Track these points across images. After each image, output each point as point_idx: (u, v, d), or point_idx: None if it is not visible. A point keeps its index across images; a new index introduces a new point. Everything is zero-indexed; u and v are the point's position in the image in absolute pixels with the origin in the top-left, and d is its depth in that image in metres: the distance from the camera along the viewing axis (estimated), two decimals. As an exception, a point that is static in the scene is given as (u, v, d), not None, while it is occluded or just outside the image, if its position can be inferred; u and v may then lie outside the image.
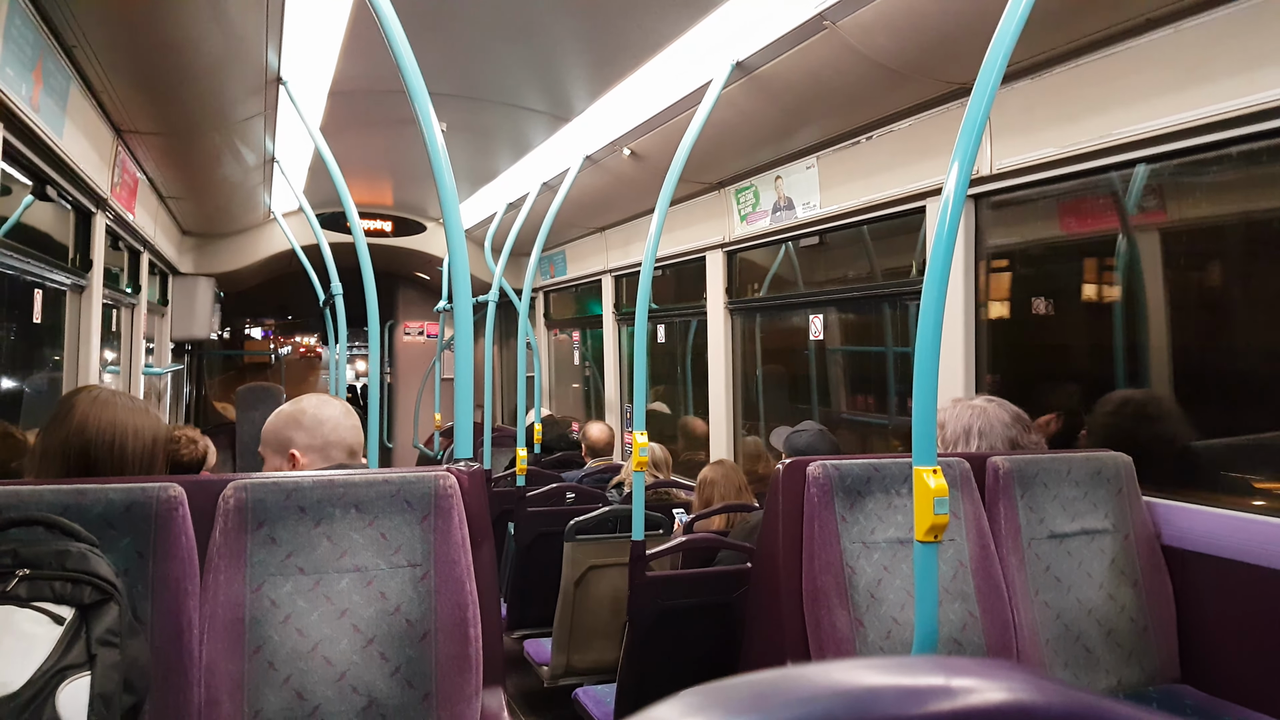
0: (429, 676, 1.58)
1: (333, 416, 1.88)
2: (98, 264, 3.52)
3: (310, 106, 3.51)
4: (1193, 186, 2.44)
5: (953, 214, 1.51)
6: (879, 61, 2.46)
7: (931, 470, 1.50)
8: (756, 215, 3.85)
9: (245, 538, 1.54)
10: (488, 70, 3.38)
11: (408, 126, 1.83)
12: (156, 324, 5.85)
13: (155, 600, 1.46)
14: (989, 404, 2.25)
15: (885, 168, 3.00)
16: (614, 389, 5.79)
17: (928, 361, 1.52)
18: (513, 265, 6.23)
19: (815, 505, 1.92)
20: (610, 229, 5.49)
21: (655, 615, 2.60)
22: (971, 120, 1.51)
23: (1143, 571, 2.10)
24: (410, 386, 8.35)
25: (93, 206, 3.42)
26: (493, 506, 4.13)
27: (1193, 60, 1.98)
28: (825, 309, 4.00)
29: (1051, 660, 1.97)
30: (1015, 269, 3.01)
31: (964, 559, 1.98)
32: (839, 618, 1.86)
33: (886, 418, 4.45)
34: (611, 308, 5.72)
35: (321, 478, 1.61)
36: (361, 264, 3.05)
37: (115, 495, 1.47)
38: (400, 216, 6.96)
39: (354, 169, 4.81)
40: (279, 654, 1.52)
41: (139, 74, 2.88)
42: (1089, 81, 2.24)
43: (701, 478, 3.47)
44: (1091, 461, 2.15)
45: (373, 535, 1.60)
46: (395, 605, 1.59)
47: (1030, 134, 2.43)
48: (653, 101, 3.25)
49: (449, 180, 1.84)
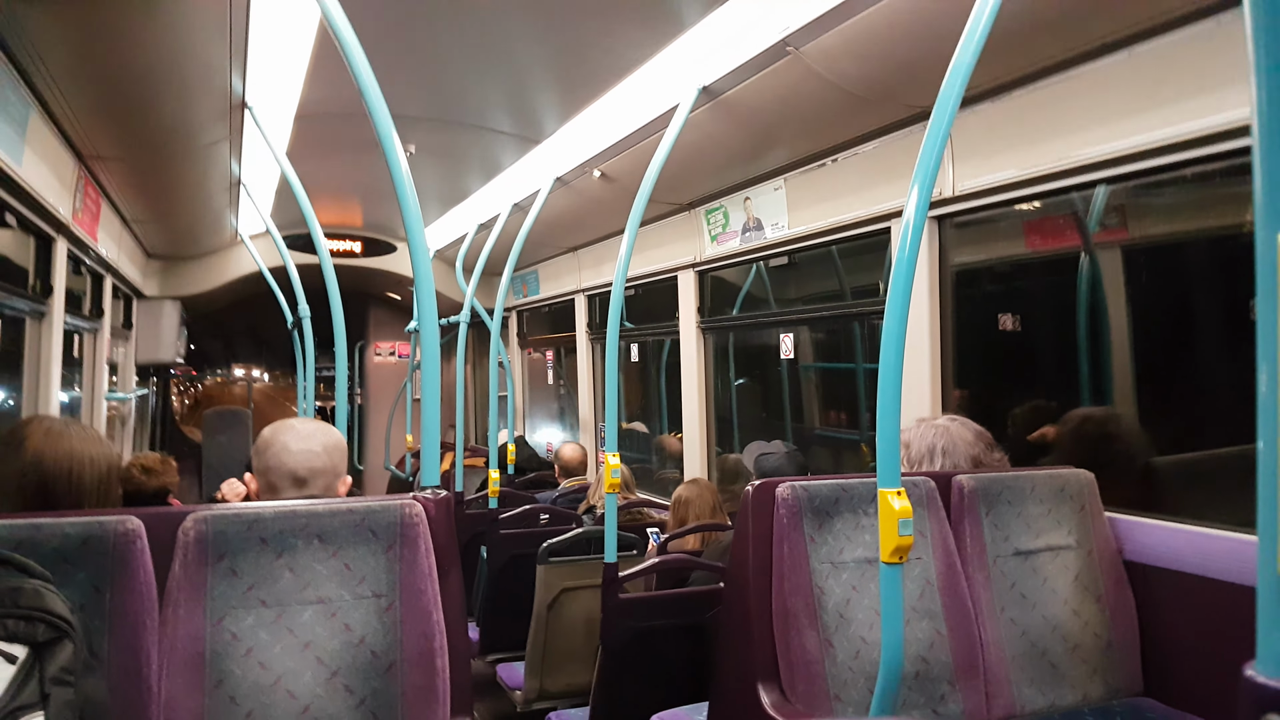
0: (395, 708, 1.56)
1: (281, 441, 1.78)
2: (58, 290, 3.47)
3: (276, 130, 3.50)
4: (1151, 206, 2.49)
5: (913, 235, 1.53)
6: (843, 86, 2.50)
7: (896, 492, 1.51)
8: (726, 235, 3.87)
9: (205, 570, 1.52)
10: (457, 93, 3.38)
11: (375, 148, 1.82)
12: (121, 348, 5.77)
13: (113, 636, 1.43)
14: (952, 423, 2.28)
15: (851, 190, 3.04)
16: (588, 408, 5.78)
17: (891, 382, 1.53)
18: (485, 285, 6.22)
19: (785, 526, 1.92)
20: (582, 249, 5.50)
21: (628, 637, 2.59)
22: (931, 143, 1.53)
23: (1106, 587, 2.12)
24: (381, 408, 8.28)
25: (53, 232, 3.38)
26: (465, 529, 4.10)
27: (1147, 84, 2.02)
28: (796, 327, 4.03)
29: (1018, 677, 1.99)
30: (981, 287, 3.05)
31: (930, 577, 1.99)
32: (808, 639, 1.86)
33: (858, 433, 4.48)
34: (585, 327, 5.72)
35: (284, 508, 1.59)
36: (328, 285, 3.03)
37: (71, 529, 1.44)
38: (370, 237, 6.93)
39: (322, 191, 4.79)
40: (240, 688, 1.49)
41: (100, 100, 2.85)
42: (1047, 104, 2.28)
43: (676, 497, 3.47)
44: (1055, 479, 2.17)
45: (336, 566, 1.58)
46: (360, 637, 1.57)
47: (991, 156, 2.47)
48: (622, 124, 3.27)
49: (413, 203, 1.83)
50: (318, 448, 1.79)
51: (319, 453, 1.79)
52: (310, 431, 1.82)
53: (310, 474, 1.77)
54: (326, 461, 1.80)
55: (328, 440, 1.82)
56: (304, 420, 1.86)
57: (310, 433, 1.81)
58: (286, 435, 1.79)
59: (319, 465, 1.78)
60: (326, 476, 1.80)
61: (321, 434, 1.83)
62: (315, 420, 1.88)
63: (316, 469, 1.78)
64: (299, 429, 1.81)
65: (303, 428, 1.82)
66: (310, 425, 1.84)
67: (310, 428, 1.83)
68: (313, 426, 1.84)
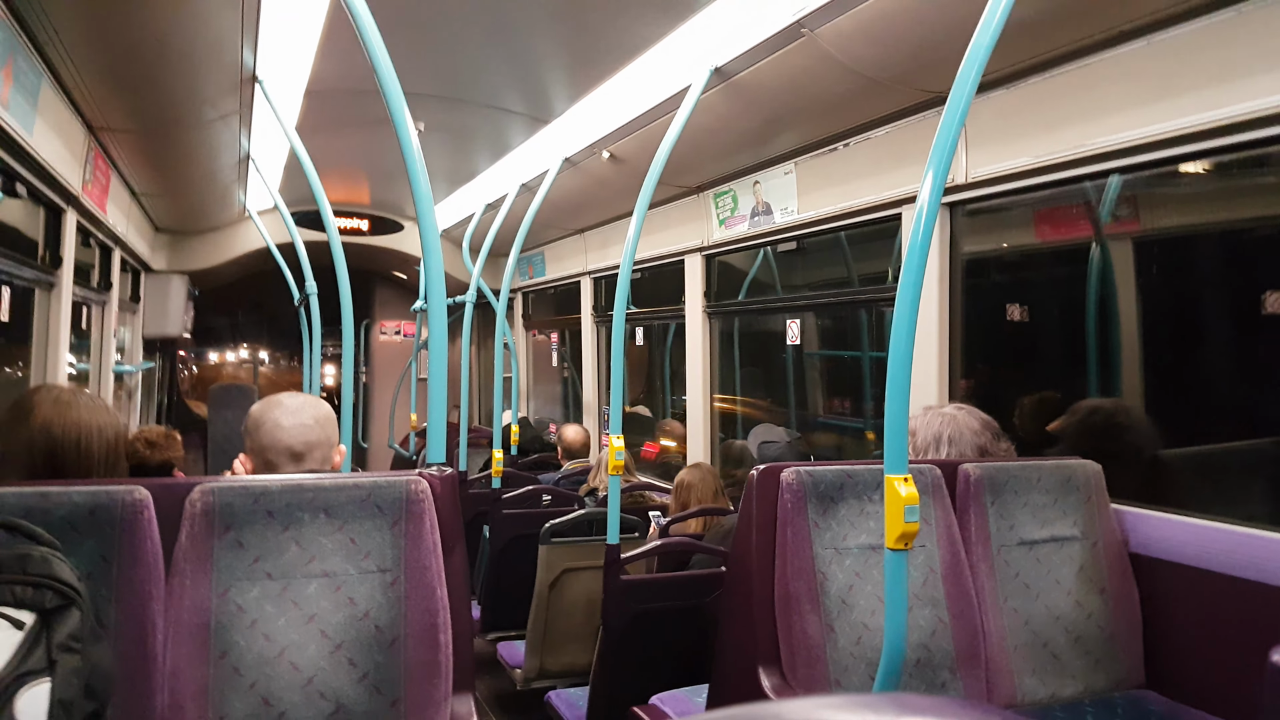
0: (398, 683, 1.57)
1: (272, 418, 1.76)
2: (68, 261, 3.47)
3: (286, 105, 3.48)
4: (1164, 198, 2.47)
5: (927, 221, 1.52)
6: (857, 70, 2.48)
7: (903, 478, 1.51)
8: (735, 220, 3.85)
9: (212, 542, 1.52)
10: (467, 71, 3.36)
11: (385, 126, 1.81)
12: (128, 321, 5.78)
13: (119, 604, 1.44)
14: (959, 411, 2.27)
15: (862, 174, 3.02)
16: (592, 391, 5.78)
17: (901, 369, 1.52)
18: (491, 266, 6.21)
19: (789, 511, 1.92)
20: (589, 231, 5.48)
21: (629, 619, 2.59)
22: (947, 129, 1.52)
23: (1110, 579, 2.12)
24: (386, 386, 8.30)
25: (63, 203, 3.37)
26: (468, 508, 4.11)
27: (1165, 73, 2.00)
28: (803, 313, 4.01)
29: (1019, 666, 1.99)
30: (990, 276, 3.04)
31: (934, 565, 1.99)
32: (810, 623, 1.86)
33: (862, 420, 4.47)
34: (590, 309, 5.71)
35: (290, 481, 1.59)
36: (336, 263, 3.03)
37: (79, 498, 1.44)
38: (377, 215, 6.91)
39: (330, 168, 4.78)
40: (245, 659, 1.50)
41: (112, 71, 2.84)
42: (1063, 92, 2.26)
43: (679, 480, 3.47)
44: (1061, 469, 2.17)
45: (342, 540, 1.59)
46: (364, 611, 1.58)
47: (1005, 143, 2.45)
48: (632, 105, 3.25)
49: (423, 181, 1.82)
50: (310, 420, 1.78)
51: (312, 425, 1.78)
52: (299, 405, 1.80)
53: (306, 447, 1.77)
54: (320, 434, 1.79)
55: (318, 412, 1.81)
56: (290, 395, 1.85)
57: (299, 406, 1.80)
58: (276, 412, 1.78)
59: (314, 438, 1.78)
60: (323, 448, 1.79)
61: (310, 406, 1.82)
62: (301, 394, 1.87)
63: (312, 442, 1.77)
64: (287, 404, 1.80)
65: (290, 402, 1.81)
66: (298, 399, 1.83)
67: (298, 401, 1.82)
68: (300, 400, 1.83)
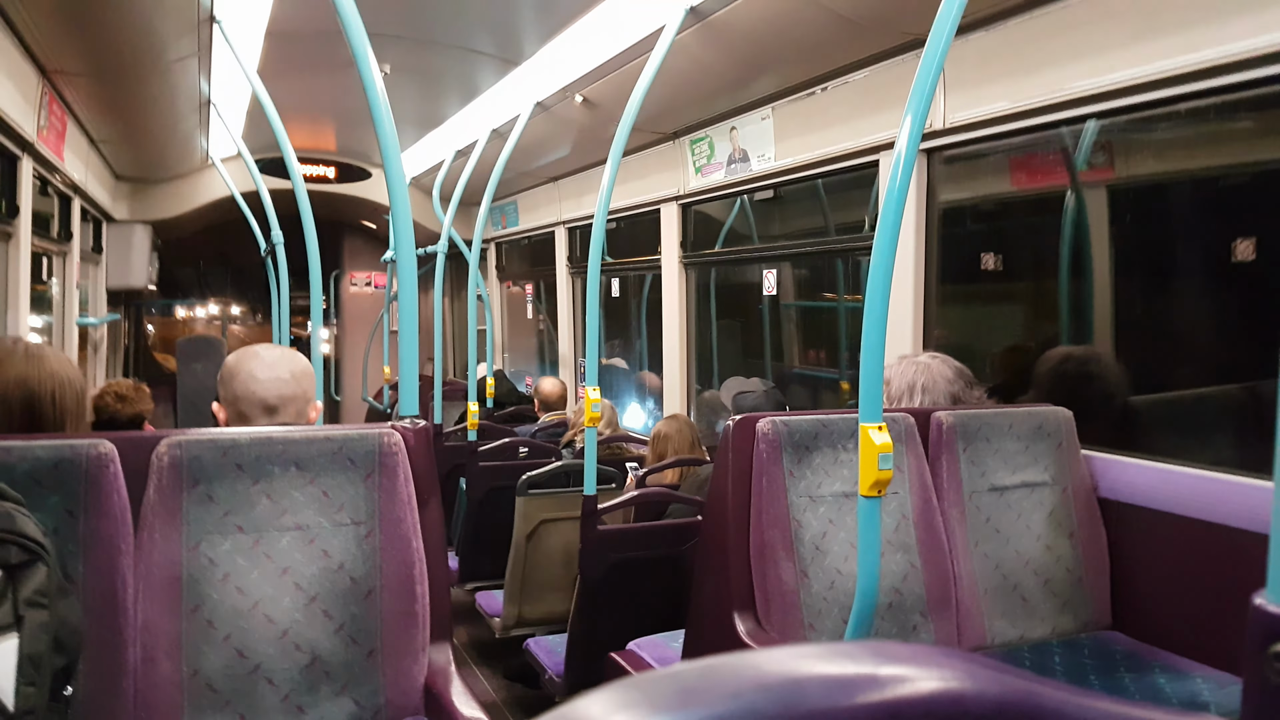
0: (374, 633, 1.57)
1: (247, 369, 1.73)
2: (25, 210, 3.37)
3: (246, 47, 3.36)
4: (1140, 144, 2.46)
5: (904, 168, 1.50)
6: (836, 10, 2.42)
7: (877, 426, 1.51)
8: (711, 167, 3.81)
9: (181, 495, 1.50)
10: (434, 10, 3.26)
11: (350, 69, 1.74)
12: (91, 273, 5.65)
13: (87, 559, 1.42)
14: (933, 360, 2.28)
15: (840, 120, 2.98)
16: (568, 344, 5.75)
17: (876, 318, 1.51)
18: (463, 215, 6.11)
19: (764, 460, 1.92)
20: (563, 179, 5.40)
21: (606, 568, 2.61)
22: (926, 71, 1.49)
23: (1079, 523, 2.15)
24: (358, 339, 8.20)
25: (18, 150, 3.26)
26: (444, 461, 4.10)
27: (1145, 13, 1.98)
28: (779, 263, 3.99)
29: (989, 609, 2.03)
30: (965, 225, 3.03)
31: (907, 511, 2.01)
32: (785, 570, 1.88)
33: (837, 372, 4.49)
34: (565, 260, 5.65)
35: (259, 434, 1.57)
36: (302, 212, 2.95)
37: (42, 452, 1.41)
38: (344, 162, 6.75)
39: (294, 113, 4.64)
40: (218, 612, 1.49)
41: (64, 12, 2.73)
42: (1043, 34, 2.23)
43: (655, 432, 3.48)
44: (1033, 416, 2.19)
45: (314, 493, 1.57)
46: (339, 563, 1.57)
47: (984, 87, 2.42)
48: (605, 46, 3.18)
49: (389, 127, 1.77)
50: (285, 374, 1.75)
51: (287, 379, 1.75)
52: (276, 358, 1.77)
53: (280, 401, 1.73)
54: (296, 388, 1.76)
55: (295, 367, 1.78)
56: (268, 347, 1.81)
57: (276, 359, 1.76)
58: (252, 363, 1.74)
59: (288, 392, 1.74)
60: (298, 403, 1.76)
61: (288, 360, 1.78)
62: (279, 346, 1.83)
63: (287, 396, 1.74)
64: (264, 356, 1.76)
65: (267, 355, 1.77)
66: (275, 352, 1.79)
67: (275, 354, 1.78)
68: (278, 353, 1.79)
